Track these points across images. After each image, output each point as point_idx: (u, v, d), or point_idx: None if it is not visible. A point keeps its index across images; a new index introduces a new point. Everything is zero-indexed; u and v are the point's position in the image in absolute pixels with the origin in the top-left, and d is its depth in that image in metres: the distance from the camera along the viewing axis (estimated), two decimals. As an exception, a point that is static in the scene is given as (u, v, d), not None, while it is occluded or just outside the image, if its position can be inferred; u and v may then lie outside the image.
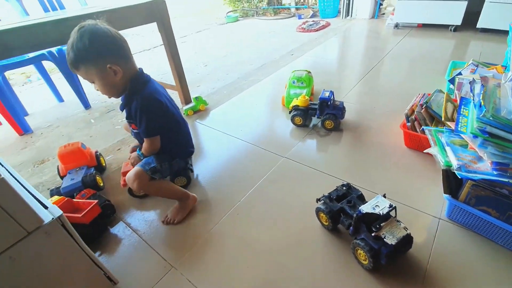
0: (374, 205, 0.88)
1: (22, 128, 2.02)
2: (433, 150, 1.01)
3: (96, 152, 1.44)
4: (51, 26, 1.33)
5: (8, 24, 1.35)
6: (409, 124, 1.35)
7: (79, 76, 1.96)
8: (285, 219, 1.09)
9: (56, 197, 1.09)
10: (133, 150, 1.33)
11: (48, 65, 2.29)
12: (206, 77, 2.68)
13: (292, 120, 1.62)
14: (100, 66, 0.92)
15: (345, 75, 2.35)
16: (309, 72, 1.91)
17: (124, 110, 1.08)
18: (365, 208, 0.86)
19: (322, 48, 3.01)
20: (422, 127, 1.23)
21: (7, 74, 3.24)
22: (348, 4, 3.83)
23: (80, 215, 1.00)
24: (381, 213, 0.84)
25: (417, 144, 1.33)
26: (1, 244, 0.55)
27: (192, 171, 1.33)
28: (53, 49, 2.09)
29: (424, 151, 1.06)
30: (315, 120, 1.66)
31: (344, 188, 1.05)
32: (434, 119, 1.32)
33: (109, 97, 1.04)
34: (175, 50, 1.86)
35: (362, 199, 1.00)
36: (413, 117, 1.34)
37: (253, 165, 1.39)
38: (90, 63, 0.92)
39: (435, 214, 1.04)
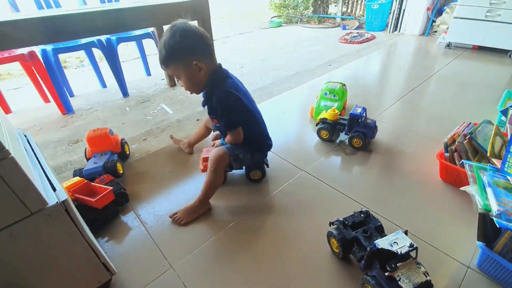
0: (392, 241, 0.79)
1: (66, 108, 2.16)
2: (472, 189, 0.89)
3: (122, 139, 1.49)
4: (100, 15, 1.41)
5: (67, 11, 1.45)
6: (447, 154, 1.22)
7: (121, 65, 2.07)
8: (294, 237, 1.03)
9: (76, 178, 1.13)
10: (215, 138, 1.36)
11: (98, 53, 2.45)
12: (240, 79, 2.68)
13: (318, 133, 1.55)
14: (188, 62, 0.98)
15: (383, 92, 2.21)
16: (344, 84, 1.82)
17: (206, 106, 1.13)
18: (381, 243, 0.78)
19: (363, 61, 2.87)
20: (462, 160, 1.10)
21: (64, 57, 3.54)
22: (398, 18, 3.63)
23: (93, 200, 1.03)
24: (399, 252, 0.75)
25: (454, 178, 1.20)
26: (3, 220, 0.56)
27: (267, 165, 1.30)
28: (103, 38, 2.23)
29: (461, 188, 0.94)
30: (343, 136, 1.58)
31: (362, 215, 0.96)
32: (478, 153, 1.17)
33: (191, 93, 1.09)
34: (211, 50, 1.88)
35: (380, 231, 0.92)
36: (453, 147, 1.21)
37: (270, 174, 1.34)
38: (179, 59, 0.98)
39: (464, 261, 0.91)
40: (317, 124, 1.55)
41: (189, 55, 0.97)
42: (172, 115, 2.05)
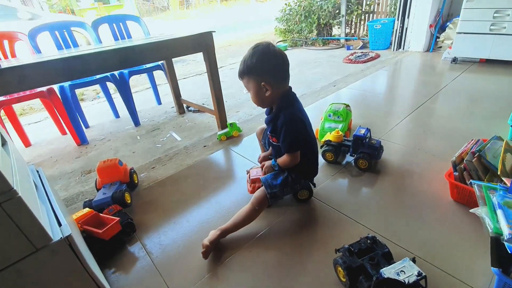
0: (399, 269, 0.76)
1: (80, 139, 2.27)
2: (481, 211, 0.85)
3: (131, 169, 1.54)
4: (113, 53, 1.52)
5: (83, 51, 1.57)
6: (456, 174, 1.18)
7: (133, 95, 2.19)
8: (299, 266, 1.00)
9: (86, 210, 1.17)
10: (263, 159, 1.39)
11: (111, 85, 2.60)
12: (246, 103, 2.75)
13: (323, 155, 1.54)
14: (257, 81, 1.09)
15: (389, 110, 2.20)
16: (348, 105, 1.83)
17: (270, 124, 1.19)
18: (387, 272, 0.75)
19: (368, 80, 2.89)
20: (471, 180, 1.06)
21: (81, 90, 3.76)
22: (401, 36, 3.67)
23: (101, 231, 1.05)
24: (406, 282, 0.72)
25: (466, 198, 1.15)
26: (11, 257, 0.59)
27: (314, 185, 1.31)
28: (116, 72, 2.37)
29: (470, 211, 0.90)
30: (349, 157, 1.56)
31: (369, 241, 0.94)
32: (488, 171, 1.13)
33: (257, 106, 1.19)
34: (216, 79, 1.96)
35: (388, 258, 0.88)
36: (462, 166, 1.18)
37: (276, 199, 1.34)
38: (251, 77, 1.10)
39: (481, 289, 0.86)
40: (321, 147, 1.55)
41: (260, 76, 1.08)
42: (180, 142, 2.11)
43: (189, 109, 2.72)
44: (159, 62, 2.58)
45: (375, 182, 1.38)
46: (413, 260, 0.78)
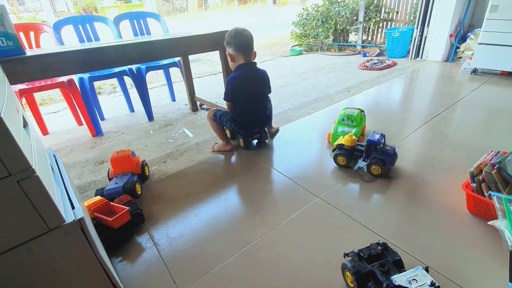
0: (411, 278, 0.74)
1: (96, 131, 2.31)
2: (500, 224, 0.82)
3: (143, 161, 1.56)
4: (133, 47, 1.55)
5: (104, 43, 1.61)
6: (474, 185, 1.14)
7: (149, 91, 2.34)
8: (306, 269, 0.98)
9: (98, 198, 1.19)
10: None
11: (128, 80, 2.65)
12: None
13: (335, 159, 1.52)
14: (227, 50, 1.63)
15: (405, 118, 2.16)
16: (362, 111, 1.81)
17: None
18: (398, 280, 0.73)
19: (383, 87, 2.85)
20: (490, 192, 1.02)
21: (99, 84, 3.85)
22: (419, 44, 3.61)
23: (110, 219, 1.06)
24: (418, 290, 0.70)
25: (483, 210, 1.11)
26: (24, 235, 0.60)
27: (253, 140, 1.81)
28: (133, 67, 2.42)
29: (489, 223, 0.87)
30: (361, 163, 1.54)
31: (379, 247, 0.91)
32: (508, 184, 1.09)
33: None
34: (231, 77, 1.97)
35: (399, 266, 0.86)
36: (480, 177, 1.14)
37: (283, 200, 1.33)
38: (225, 46, 1.64)
39: (497, 306, 0.82)
40: (333, 150, 1.53)
41: (227, 46, 1.62)
42: (192, 138, 2.12)
43: (202, 107, 2.74)
44: (176, 59, 2.62)
45: (388, 189, 1.35)
46: (426, 270, 0.75)
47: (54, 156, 0.94)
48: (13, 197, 0.56)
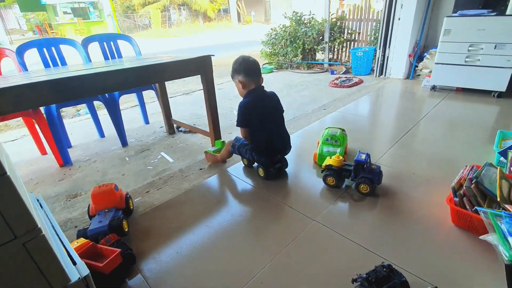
0: (423, 299, 0.76)
1: (63, 160, 2.13)
2: (492, 238, 0.89)
3: (127, 194, 1.45)
4: (116, 74, 1.47)
5: (77, 71, 1.51)
6: (456, 199, 1.23)
7: (122, 114, 2.20)
8: (314, 297, 0.97)
9: (82, 240, 1.08)
10: None
11: (96, 102, 2.50)
12: (238, 125, 2.74)
13: (324, 180, 1.55)
14: (236, 79, 1.61)
15: (379, 135, 2.29)
16: (343, 130, 1.89)
17: None
18: (412, 303, 0.74)
19: (356, 105, 3.02)
20: (475, 207, 1.11)
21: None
22: (382, 63, 3.92)
23: (101, 265, 0.97)
24: (433, 313, 0.71)
25: (467, 223, 1.19)
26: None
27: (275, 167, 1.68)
28: (105, 91, 2.29)
29: (481, 237, 0.93)
30: (348, 181, 1.59)
31: (385, 270, 0.93)
32: (486, 196, 1.19)
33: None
34: (213, 101, 1.96)
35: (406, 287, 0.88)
36: (461, 192, 1.23)
37: (280, 225, 1.32)
38: (233, 75, 1.64)
39: (497, 317, 0.87)
40: (322, 171, 1.57)
41: (235, 74, 1.62)
42: (173, 164, 2.04)
43: (179, 129, 2.66)
44: (151, 82, 2.54)
45: (377, 207, 1.40)
46: (435, 290, 0.78)
47: (38, 200, 0.84)
48: (18, 260, 0.48)
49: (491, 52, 2.69)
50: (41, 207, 0.81)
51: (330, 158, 1.59)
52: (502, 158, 1.51)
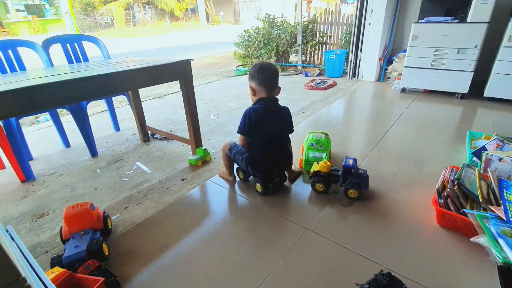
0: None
1: (25, 175, 1.91)
2: (483, 240, 0.92)
3: (105, 213, 1.33)
4: (88, 82, 1.34)
5: (37, 78, 1.35)
6: (441, 201, 1.28)
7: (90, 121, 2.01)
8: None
9: (57, 269, 0.96)
10: None
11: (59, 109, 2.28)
12: (217, 130, 2.67)
13: (313, 186, 1.54)
14: (250, 84, 1.52)
15: (359, 138, 2.35)
16: (327, 134, 1.90)
17: None
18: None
19: (333, 107, 3.08)
20: (464, 209, 1.15)
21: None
22: (355, 66, 4.06)
23: (82, 300, 0.86)
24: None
25: (451, 223, 1.24)
26: None
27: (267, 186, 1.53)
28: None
29: (471, 239, 0.97)
30: (335, 186, 1.59)
31: (385, 278, 0.93)
32: (468, 197, 1.25)
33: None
34: (193, 107, 1.88)
35: (407, 295, 0.88)
36: (445, 193, 1.28)
37: (273, 236, 1.28)
38: (249, 79, 1.52)
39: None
40: (310, 177, 1.56)
41: (250, 80, 1.53)
42: (151, 175, 1.92)
43: (154, 136, 2.52)
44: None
45: (367, 211, 1.42)
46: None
47: (7, 231, 0.72)
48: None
49: (454, 57, 2.89)
50: (12, 239, 0.69)
51: (318, 163, 1.58)
52: (474, 158, 1.60)
